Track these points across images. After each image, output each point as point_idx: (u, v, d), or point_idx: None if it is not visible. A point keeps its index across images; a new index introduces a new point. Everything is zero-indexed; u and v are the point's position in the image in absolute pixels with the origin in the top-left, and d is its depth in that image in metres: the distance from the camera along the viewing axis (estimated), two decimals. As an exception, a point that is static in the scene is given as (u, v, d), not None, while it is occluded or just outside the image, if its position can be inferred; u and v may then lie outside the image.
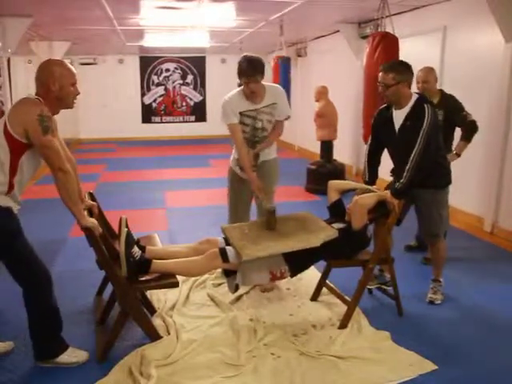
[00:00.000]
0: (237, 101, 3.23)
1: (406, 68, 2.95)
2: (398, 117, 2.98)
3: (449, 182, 3.14)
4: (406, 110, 2.93)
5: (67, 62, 2.50)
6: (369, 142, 3.25)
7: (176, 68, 12.81)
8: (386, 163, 3.27)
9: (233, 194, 3.53)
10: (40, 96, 2.32)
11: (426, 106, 2.87)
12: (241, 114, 3.24)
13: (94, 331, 2.86)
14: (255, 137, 3.31)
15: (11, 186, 2.29)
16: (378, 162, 3.26)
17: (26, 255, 2.38)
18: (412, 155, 2.82)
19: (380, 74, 2.96)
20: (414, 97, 2.95)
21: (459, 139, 3.85)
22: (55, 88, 2.31)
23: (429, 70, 3.78)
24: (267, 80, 3.64)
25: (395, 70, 2.91)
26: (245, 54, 3.21)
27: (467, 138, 3.84)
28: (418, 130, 2.80)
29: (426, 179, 2.99)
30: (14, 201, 2.33)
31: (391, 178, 3.18)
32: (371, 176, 3.23)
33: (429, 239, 3.25)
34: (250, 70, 3.11)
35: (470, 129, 3.81)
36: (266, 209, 2.98)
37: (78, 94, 2.43)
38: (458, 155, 3.78)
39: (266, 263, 2.69)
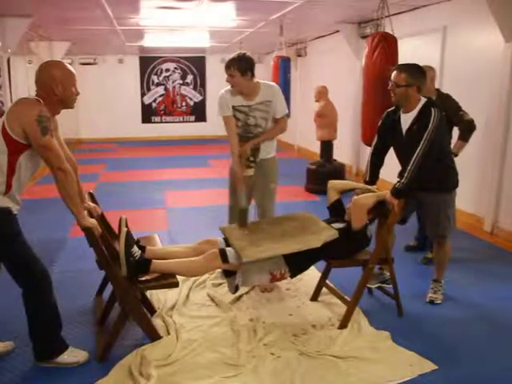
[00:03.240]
0: (230, 95, 3.29)
1: (419, 73, 2.95)
2: (406, 120, 2.99)
3: (456, 184, 3.14)
4: (414, 113, 2.94)
5: (67, 62, 2.50)
6: (374, 142, 3.26)
7: (176, 68, 12.80)
8: (389, 164, 3.27)
9: (233, 194, 3.52)
10: (41, 97, 2.31)
11: (433, 109, 2.87)
12: (233, 108, 3.28)
13: (94, 331, 2.86)
14: (248, 133, 3.32)
15: (9, 186, 2.28)
16: (381, 164, 3.26)
17: (25, 255, 2.37)
18: (414, 156, 2.83)
19: (394, 72, 2.97)
20: (423, 101, 2.95)
21: (457, 139, 3.86)
22: (59, 91, 2.31)
23: (426, 69, 3.77)
24: (267, 80, 3.65)
25: (409, 71, 2.92)
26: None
27: (465, 137, 3.86)
28: (424, 133, 2.81)
29: (434, 182, 3.00)
30: (12, 201, 2.32)
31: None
32: (372, 176, 3.24)
33: (436, 240, 3.24)
34: (227, 61, 3.20)
35: (468, 128, 3.82)
36: (239, 207, 3.12)
37: (78, 94, 2.44)
38: (456, 155, 3.78)
39: (266, 264, 2.68)
